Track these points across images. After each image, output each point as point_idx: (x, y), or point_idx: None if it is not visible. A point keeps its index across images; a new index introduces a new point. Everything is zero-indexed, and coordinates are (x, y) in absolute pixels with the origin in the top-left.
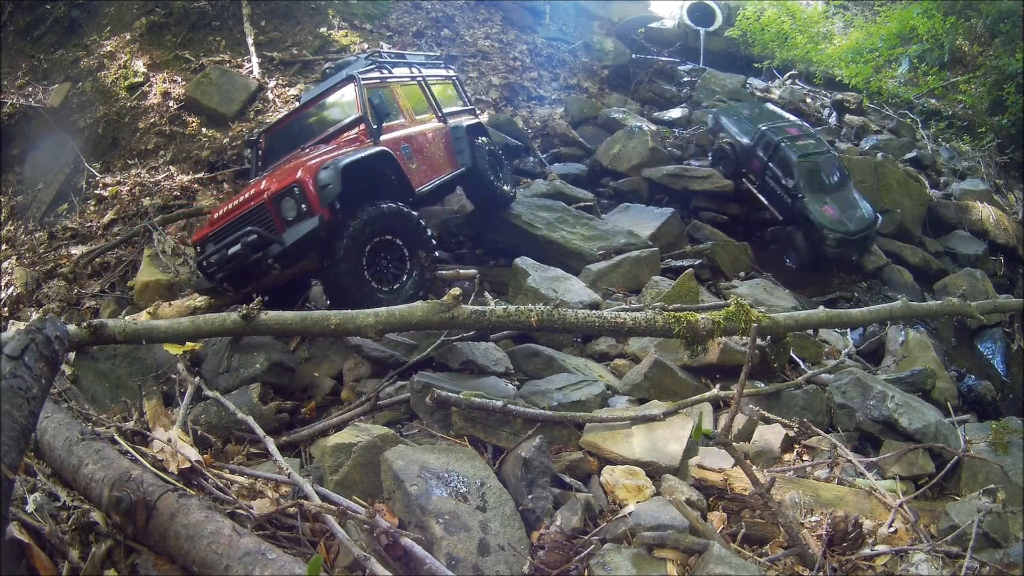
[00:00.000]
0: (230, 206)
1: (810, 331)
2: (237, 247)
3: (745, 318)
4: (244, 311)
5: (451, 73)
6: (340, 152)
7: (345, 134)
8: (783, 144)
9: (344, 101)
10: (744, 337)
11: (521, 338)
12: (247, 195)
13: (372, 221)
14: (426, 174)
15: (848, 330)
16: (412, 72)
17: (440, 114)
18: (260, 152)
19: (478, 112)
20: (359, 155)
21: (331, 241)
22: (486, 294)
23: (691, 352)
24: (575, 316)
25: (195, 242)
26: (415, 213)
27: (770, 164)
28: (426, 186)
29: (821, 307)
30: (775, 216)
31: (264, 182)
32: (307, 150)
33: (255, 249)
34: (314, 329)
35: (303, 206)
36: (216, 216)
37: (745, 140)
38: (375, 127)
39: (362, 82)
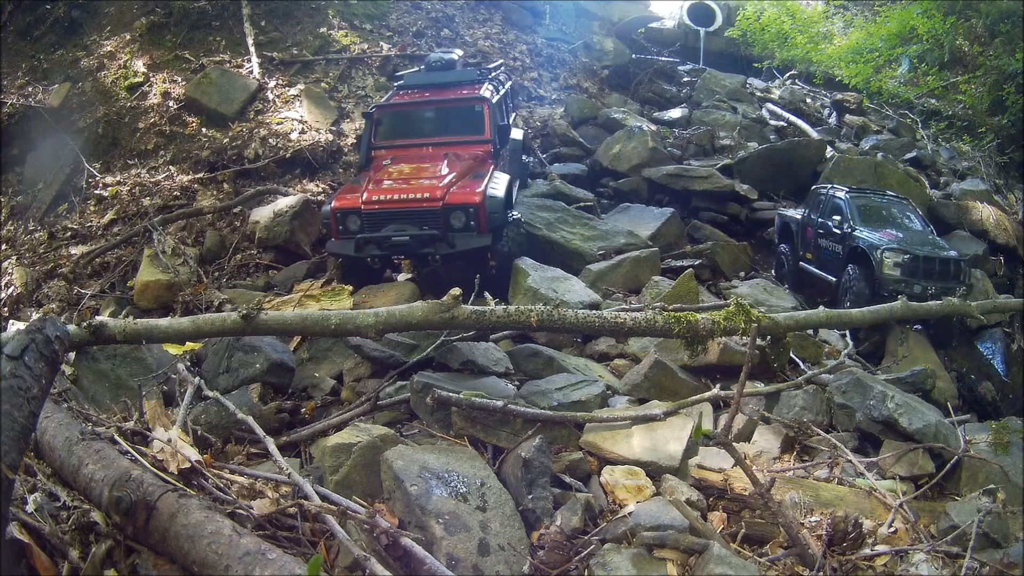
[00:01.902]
0: (393, 193)
1: (810, 331)
2: (406, 237)
3: (745, 318)
4: (244, 311)
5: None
6: (480, 172)
7: (471, 148)
8: (834, 192)
9: (470, 115)
10: (744, 337)
11: (521, 338)
12: (415, 194)
13: (514, 229)
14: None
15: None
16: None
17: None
18: (375, 127)
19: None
20: (504, 186)
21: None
22: (486, 294)
23: (691, 352)
24: (575, 316)
25: (336, 209)
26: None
27: (821, 219)
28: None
29: (821, 307)
30: (827, 280)
31: (435, 189)
32: (439, 153)
33: (425, 244)
34: (314, 329)
35: (472, 222)
36: (372, 196)
37: (799, 214)
38: (497, 149)
39: (493, 105)
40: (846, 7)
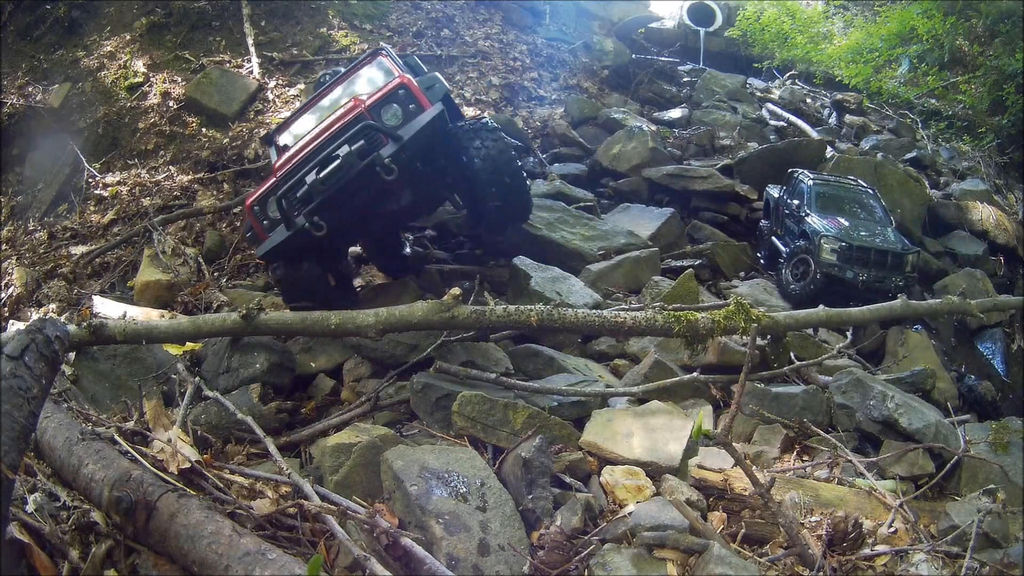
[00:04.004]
0: (294, 151)
1: (810, 330)
2: (339, 160)
3: (745, 317)
4: (244, 311)
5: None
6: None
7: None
8: (802, 178)
9: (374, 73)
10: (744, 337)
11: (521, 338)
12: (333, 118)
13: (482, 136)
14: None
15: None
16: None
17: None
18: (281, 150)
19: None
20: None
21: (454, 143)
22: (486, 294)
23: (691, 352)
24: (575, 316)
25: (251, 204)
26: None
27: (788, 200)
28: None
29: (821, 306)
30: (781, 252)
31: (353, 101)
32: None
33: (364, 155)
34: (314, 329)
35: (411, 106)
36: (280, 164)
37: (777, 193)
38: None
39: (392, 52)
40: (846, 7)
